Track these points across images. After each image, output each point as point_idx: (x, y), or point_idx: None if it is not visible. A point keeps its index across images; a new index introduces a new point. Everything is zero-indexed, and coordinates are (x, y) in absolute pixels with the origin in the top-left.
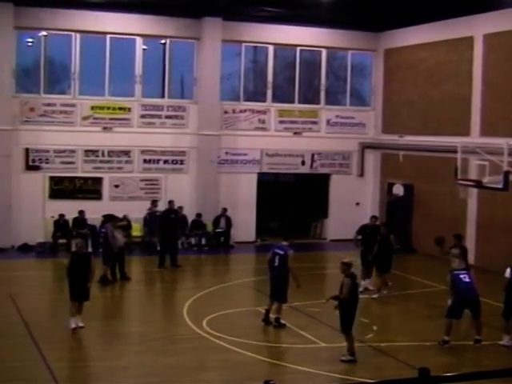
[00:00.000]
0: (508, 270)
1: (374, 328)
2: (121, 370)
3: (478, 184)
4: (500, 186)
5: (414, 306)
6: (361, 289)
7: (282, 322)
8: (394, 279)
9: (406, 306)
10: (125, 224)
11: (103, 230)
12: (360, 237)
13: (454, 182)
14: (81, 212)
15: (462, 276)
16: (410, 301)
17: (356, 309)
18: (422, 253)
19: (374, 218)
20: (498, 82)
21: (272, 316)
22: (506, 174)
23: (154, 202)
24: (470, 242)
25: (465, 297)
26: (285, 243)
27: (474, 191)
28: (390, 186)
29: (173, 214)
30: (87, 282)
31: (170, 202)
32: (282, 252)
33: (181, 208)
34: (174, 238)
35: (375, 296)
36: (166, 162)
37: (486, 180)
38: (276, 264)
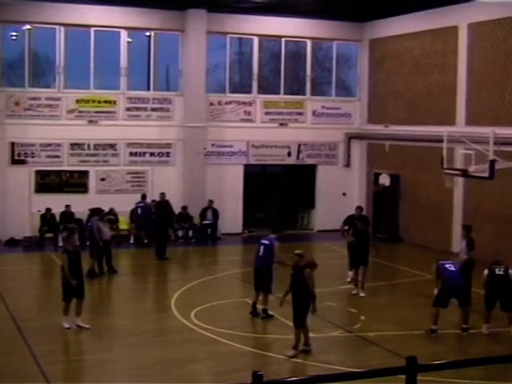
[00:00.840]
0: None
1: (362, 318)
2: (109, 363)
3: (464, 173)
4: (486, 174)
5: (401, 296)
6: (348, 279)
7: (270, 312)
8: (381, 269)
9: (393, 296)
10: (112, 218)
11: (89, 224)
12: (346, 227)
13: (441, 171)
14: (68, 206)
15: (447, 266)
16: (397, 290)
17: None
18: (408, 242)
19: (359, 208)
20: (482, 71)
21: (259, 307)
22: (492, 162)
23: (144, 196)
24: (456, 231)
25: (450, 286)
26: (273, 236)
27: (460, 180)
28: (377, 176)
29: (165, 206)
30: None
31: (162, 194)
32: (267, 242)
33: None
34: (165, 229)
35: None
36: (152, 154)
37: (471, 169)
38: (260, 254)
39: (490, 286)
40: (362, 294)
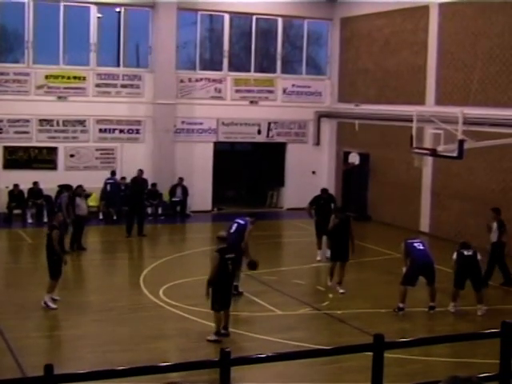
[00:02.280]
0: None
1: (330, 296)
2: (78, 339)
3: (433, 152)
4: (455, 154)
5: (369, 274)
6: (318, 258)
7: (240, 290)
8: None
9: (361, 274)
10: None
11: (59, 201)
12: (314, 207)
13: (410, 150)
14: (35, 183)
15: (416, 244)
16: (365, 268)
17: (228, 285)
18: (377, 220)
19: (323, 190)
20: (453, 51)
21: None
22: (461, 142)
23: (113, 173)
24: (425, 210)
25: (419, 264)
26: (248, 218)
27: (429, 159)
28: (346, 154)
29: (142, 183)
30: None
31: (140, 171)
32: (242, 222)
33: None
34: (141, 206)
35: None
36: (121, 131)
37: (440, 148)
38: (232, 230)
39: (460, 267)
40: (341, 291)
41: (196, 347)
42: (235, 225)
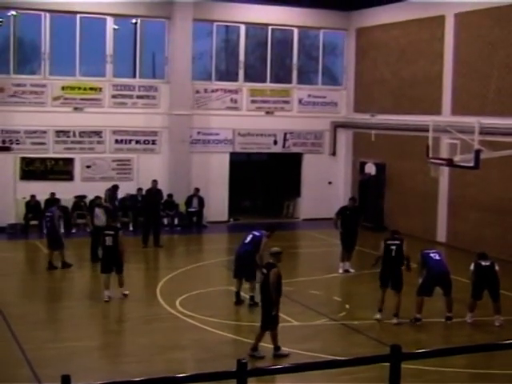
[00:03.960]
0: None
1: (347, 306)
2: (95, 350)
3: (450, 162)
4: (471, 164)
5: None
6: (340, 270)
7: (256, 300)
8: (366, 257)
9: (377, 284)
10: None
11: (48, 214)
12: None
13: (426, 160)
14: (52, 193)
15: (432, 254)
16: None
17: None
18: None
19: (352, 199)
20: (468, 61)
21: (244, 295)
22: (477, 152)
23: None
24: (442, 220)
25: (435, 274)
26: (265, 232)
27: (445, 169)
28: (362, 164)
29: (156, 194)
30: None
31: (154, 182)
32: (257, 234)
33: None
34: (156, 217)
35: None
36: (137, 142)
37: (457, 158)
38: (246, 241)
39: (477, 277)
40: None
41: (213, 358)
42: (250, 236)
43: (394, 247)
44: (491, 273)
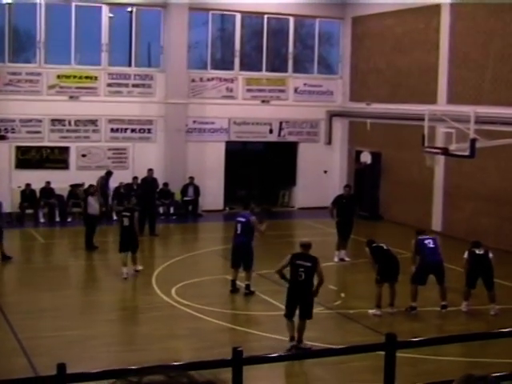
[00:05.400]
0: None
1: (342, 295)
2: (90, 338)
3: (445, 151)
4: (467, 153)
5: None
6: (336, 259)
7: (252, 289)
8: (361, 246)
9: (372, 273)
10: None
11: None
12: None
13: (422, 149)
14: (48, 182)
15: (426, 242)
16: None
17: (296, 293)
18: (389, 220)
19: (347, 187)
20: (464, 50)
21: (240, 284)
22: (473, 141)
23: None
24: (437, 209)
25: (428, 262)
26: (247, 212)
27: (440, 159)
28: (358, 153)
29: (152, 183)
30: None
31: (150, 170)
32: (243, 219)
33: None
34: (152, 206)
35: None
36: (133, 130)
37: (452, 147)
38: (238, 232)
39: (471, 265)
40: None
41: (208, 346)
42: (239, 225)
43: (382, 244)
44: (485, 261)
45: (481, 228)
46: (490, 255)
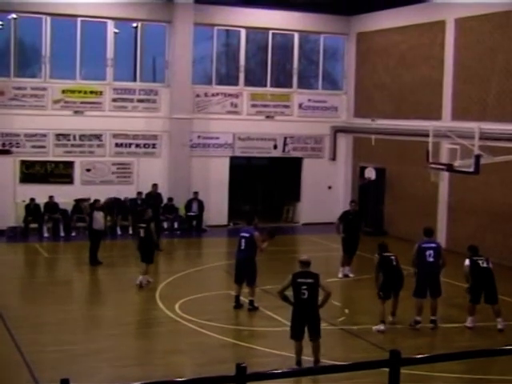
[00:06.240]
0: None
1: (346, 311)
2: (94, 353)
3: (450, 167)
4: (471, 169)
5: None
6: (340, 275)
7: (256, 305)
8: (365, 262)
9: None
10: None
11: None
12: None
13: (426, 165)
14: (51, 197)
15: (428, 253)
16: None
17: (300, 313)
18: (393, 235)
19: (353, 202)
20: (469, 66)
21: (244, 299)
22: (477, 157)
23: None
24: (441, 225)
25: (425, 273)
26: (250, 227)
27: (445, 175)
28: (362, 169)
29: (157, 198)
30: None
31: (154, 185)
32: (247, 235)
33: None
34: (156, 221)
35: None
36: (137, 145)
37: (457, 163)
38: (242, 247)
39: (475, 280)
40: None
41: (212, 362)
42: (243, 240)
43: (393, 257)
44: (490, 275)
45: (485, 243)
46: (490, 265)
